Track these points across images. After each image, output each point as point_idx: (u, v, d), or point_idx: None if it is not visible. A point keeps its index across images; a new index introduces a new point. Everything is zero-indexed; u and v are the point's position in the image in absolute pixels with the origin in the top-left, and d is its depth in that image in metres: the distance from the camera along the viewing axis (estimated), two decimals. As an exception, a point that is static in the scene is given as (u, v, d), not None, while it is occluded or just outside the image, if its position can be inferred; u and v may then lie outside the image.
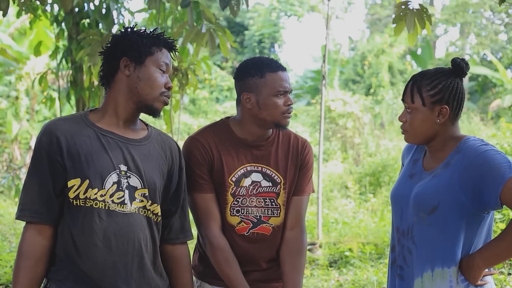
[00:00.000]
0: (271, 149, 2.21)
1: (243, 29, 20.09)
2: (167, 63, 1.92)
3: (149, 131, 1.98)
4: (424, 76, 1.94)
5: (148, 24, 5.24)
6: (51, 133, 1.82)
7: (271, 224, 2.19)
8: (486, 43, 18.82)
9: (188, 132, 14.57)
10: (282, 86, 2.11)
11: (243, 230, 2.18)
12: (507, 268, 4.60)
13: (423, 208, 1.91)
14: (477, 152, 1.84)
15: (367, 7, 25.69)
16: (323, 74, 6.73)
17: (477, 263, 1.86)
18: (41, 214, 1.81)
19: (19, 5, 3.03)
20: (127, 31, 1.92)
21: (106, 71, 1.91)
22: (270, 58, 2.19)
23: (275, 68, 2.12)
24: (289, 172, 2.21)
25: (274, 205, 2.19)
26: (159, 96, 1.89)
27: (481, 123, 12.75)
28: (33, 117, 11.39)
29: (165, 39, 1.94)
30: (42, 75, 5.19)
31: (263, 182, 2.18)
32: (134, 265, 1.85)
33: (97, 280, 1.80)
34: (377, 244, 6.11)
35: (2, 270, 5.20)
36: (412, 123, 1.95)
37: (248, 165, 2.18)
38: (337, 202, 8.24)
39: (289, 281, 2.16)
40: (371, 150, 11.56)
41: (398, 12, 3.19)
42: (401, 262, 2.01)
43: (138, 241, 1.85)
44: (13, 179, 6.95)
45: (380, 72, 15.95)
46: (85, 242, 1.80)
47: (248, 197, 2.17)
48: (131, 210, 1.85)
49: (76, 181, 1.80)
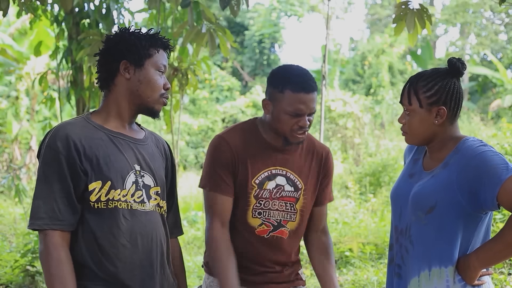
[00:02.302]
0: (296, 154, 2.20)
1: (243, 29, 20.08)
2: (165, 65, 1.93)
3: (145, 131, 2.02)
4: (421, 78, 1.94)
5: (148, 24, 5.24)
6: (66, 138, 1.79)
7: (288, 228, 2.20)
8: (486, 43, 18.81)
9: (188, 132, 14.57)
10: (298, 109, 2.04)
11: (263, 233, 2.17)
12: (507, 268, 4.60)
13: (421, 208, 1.92)
14: (475, 152, 1.84)
15: (367, 7, 25.69)
16: (323, 74, 6.72)
17: (473, 264, 1.86)
18: (63, 221, 1.77)
19: (19, 5, 3.03)
20: (125, 33, 1.91)
21: (105, 74, 1.91)
22: (301, 73, 2.09)
23: (298, 89, 2.04)
24: (310, 179, 2.21)
25: (292, 210, 2.19)
26: (159, 98, 1.91)
27: (481, 123, 12.74)
28: (33, 117, 11.39)
29: (161, 39, 1.94)
30: (42, 75, 5.19)
31: (286, 186, 2.18)
32: (158, 262, 1.89)
33: (125, 279, 1.81)
34: (377, 244, 6.11)
35: (2, 270, 5.21)
36: (410, 125, 1.96)
37: (273, 168, 2.16)
38: (337, 202, 8.24)
39: (327, 275, 2.21)
40: (371, 150, 11.56)
41: (398, 12, 3.19)
42: (399, 260, 2.02)
43: (159, 238, 1.90)
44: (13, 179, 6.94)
45: (380, 72, 15.95)
46: (112, 243, 1.80)
47: (271, 200, 2.16)
48: (150, 208, 1.89)
49: (97, 184, 1.80)
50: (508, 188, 1.75)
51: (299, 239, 2.28)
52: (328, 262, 2.24)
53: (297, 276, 2.30)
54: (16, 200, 7.78)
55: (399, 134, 12.63)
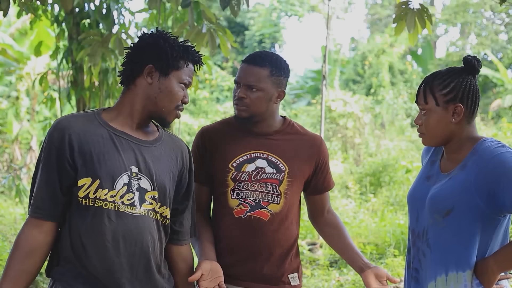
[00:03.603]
0: (280, 139, 2.25)
1: (243, 29, 20.08)
2: (190, 80, 1.91)
3: (160, 133, 1.97)
4: (436, 76, 1.91)
5: (149, 24, 5.24)
6: (63, 130, 1.80)
7: (270, 210, 2.20)
8: (486, 43, 18.79)
9: (189, 132, 14.56)
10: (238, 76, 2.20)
11: (241, 213, 2.20)
12: None
13: (438, 210, 1.88)
14: (492, 154, 1.80)
15: (368, 7, 25.68)
16: (323, 74, 6.74)
17: (491, 267, 1.82)
18: (43, 210, 1.81)
19: (19, 5, 3.03)
20: (161, 37, 1.88)
21: (129, 71, 1.89)
22: (257, 51, 2.27)
23: (244, 60, 2.22)
24: (297, 163, 2.23)
25: (275, 192, 2.20)
26: (173, 110, 1.89)
27: (482, 123, 12.75)
28: (34, 118, 11.39)
29: (194, 54, 1.91)
30: (42, 75, 5.19)
31: (267, 168, 2.21)
32: (140, 266, 1.85)
33: (104, 280, 1.80)
34: (377, 244, 6.11)
35: (2, 270, 5.20)
36: (427, 125, 1.92)
37: (253, 152, 2.22)
38: (337, 202, 8.23)
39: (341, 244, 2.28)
40: (371, 150, 11.56)
41: (398, 12, 3.19)
42: (416, 264, 1.98)
43: (145, 243, 1.85)
44: (14, 179, 6.93)
45: (380, 72, 15.93)
46: (94, 242, 1.79)
47: (251, 182, 2.20)
48: (140, 212, 1.84)
49: (87, 180, 1.79)
50: None
51: (288, 229, 2.24)
52: (339, 234, 2.30)
53: (283, 278, 2.24)
54: (17, 200, 7.78)
55: (400, 134, 12.64)
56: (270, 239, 2.20)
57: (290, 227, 2.26)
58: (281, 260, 2.23)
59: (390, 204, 8.20)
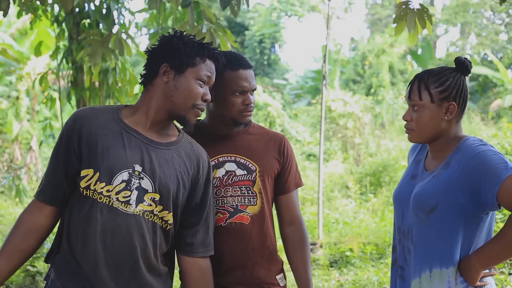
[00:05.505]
0: (245, 139, 2.21)
1: (243, 29, 20.08)
2: (209, 76, 1.89)
3: (179, 137, 1.95)
4: (431, 74, 1.93)
5: (149, 24, 5.24)
6: (76, 120, 1.86)
7: (249, 213, 2.16)
8: (486, 43, 18.81)
9: (189, 132, 14.55)
10: (241, 86, 2.10)
11: (220, 221, 2.13)
12: (508, 268, 4.60)
13: (422, 208, 1.91)
14: (474, 152, 1.83)
15: (368, 7, 25.69)
16: (323, 74, 6.73)
17: (474, 264, 1.85)
18: (45, 194, 1.88)
19: (19, 5, 3.03)
20: (175, 36, 1.89)
21: (147, 72, 1.91)
22: (233, 53, 2.15)
23: (236, 66, 2.10)
24: (266, 161, 2.19)
25: (250, 193, 2.16)
26: (191, 108, 1.87)
27: (482, 123, 12.75)
28: (34, 117, 11.40)
29: (210, 49, 1.90)
30: (42, 75, 5.19)
31: (238, 171, 2.16)
32: (126, 265, 1.83)
33: (88, 273, 1.81)
34: (377, 244, 6.11)
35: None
36: (419, 121, 1.93)
37: (220, 156, 2.15)
38: (337, 202, 8.24)
39: (299, 274, 2.22)
40: (371, 150, 11.56)
41: (398, 12, 3.19)
42: (402, 262, 2.01)
43: (134, 243, 1.82)
44: (14, 179, 6.94)
45: (380, 72, 15.95)
46: (84, 232, 1.81)
47: (223, 187, 2.14)
48: (134, 211, 1.83)
49: (89, 172, 1.81)
50: (508, 187, 1.74)
51: (268, 228, 2.21)
52: (297, 257, 2.25)
53: (272, 280, 2.22)
54: (17, 200, 7.79)
55: (400, 134, 12.63)
56: (256, 242, 2.18)
57: (270, 225, 2.24)
58: (268, 262, 2.22)
59: (390, 204, 8.20)
